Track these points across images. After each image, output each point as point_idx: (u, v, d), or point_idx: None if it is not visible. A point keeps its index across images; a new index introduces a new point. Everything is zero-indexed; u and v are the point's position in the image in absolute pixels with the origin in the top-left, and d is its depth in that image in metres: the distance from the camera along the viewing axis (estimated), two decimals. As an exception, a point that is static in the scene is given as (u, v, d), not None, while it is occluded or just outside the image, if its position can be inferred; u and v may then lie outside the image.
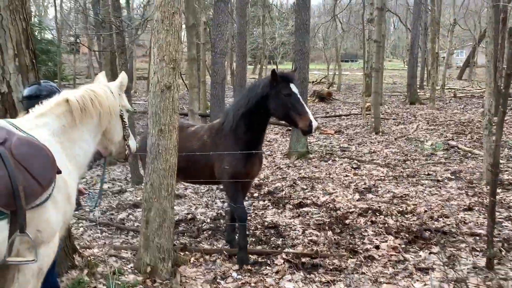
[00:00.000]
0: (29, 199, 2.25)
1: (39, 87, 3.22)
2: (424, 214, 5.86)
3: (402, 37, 52.22)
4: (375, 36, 13.95)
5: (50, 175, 2.35)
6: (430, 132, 12.47)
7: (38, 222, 2.35)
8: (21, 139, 2.35)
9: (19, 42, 3.51)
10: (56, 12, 15.81)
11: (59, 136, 2.63)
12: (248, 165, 4.71)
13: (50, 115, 2.64)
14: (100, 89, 2.91)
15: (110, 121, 2.96)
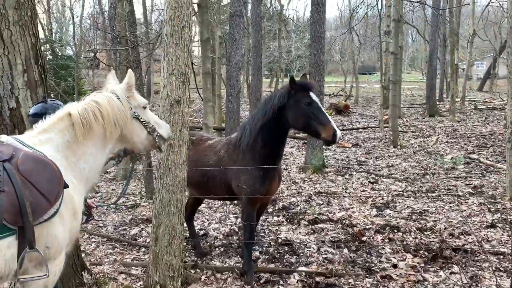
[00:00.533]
0: (36, 214, 2.25)
1: (45, 105, 3.22)
2: (444, 231, 5.64)
3: (421, 48, 51.72)
4: (392, 48, 13.78)
5: (57, 190, 2.34)
6: (450, 146, 12.17)
7: (47, 238, 2.35)
8: (28, 154, 2.36)
9: (28, 58, 3.50)
10: (74, 28, 16.09)
11: (64, 151, 2.60)
12: (266, 183, 4.51)
13: (53, 130, 2.61)
14: (104, 99, 2.76)
15: (122, 128, 2.84)
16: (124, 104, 2.83)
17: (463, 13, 29.81)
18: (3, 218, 2.16)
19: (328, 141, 4.20)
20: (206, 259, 5.29)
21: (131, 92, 2.91)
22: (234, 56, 11.35)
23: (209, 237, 6.20)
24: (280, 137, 4.49)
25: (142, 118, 2.94)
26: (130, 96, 2.90)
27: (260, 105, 4.72)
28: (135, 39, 8.44)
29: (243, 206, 4.67)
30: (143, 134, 2.97)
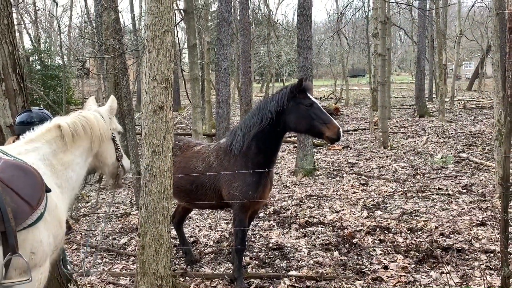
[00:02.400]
0: (18, 220, 2.29)
1: (30, 114, 3.30)
2: (434, 231, 5.62)
3: (409, 50, 52.10)
4: (379, 50, 13.85)
5: (38, 195, 2.39)
6: (440, 145, 12.22)
7: (32, 244, 2.38)
8: (8, 162, 2.42)
9: (6, 66, 3.44)
10: (60, 38, 16.00)
11: (50, 160, 2.70)
12: (259, 190, 4.45)
13: (40, 141, 2.72)
14: (91, 115, 2.99)
15: (101, 144, 3.04)
16: (106, 123, 3.07)
17: (450, 14, 30.09)
18: None
19: (333, 138, 4.22)
20: (196, 266, 5.23)
21: (112, 114, 3.17)
22: (223, 61, 11.33)
23: (200, 244, 6.13)
24: (275, 143, 4.47)
25: (117, 141, 3.19)
26: (111, 118, 3.16)
27: (254, 110, 4.62)
28: (120, 46, 8.38)
29: (235, 212, 4.58)
30: (113, 157, 3.18)
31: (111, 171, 3.24)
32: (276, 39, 30.11)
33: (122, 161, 3.25)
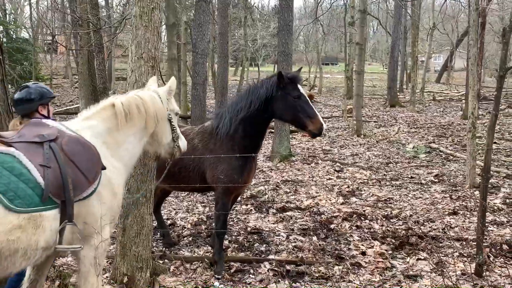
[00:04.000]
0: (76, 191, 2.50)
1: (29, 90, 3.15)
2: (409, 219, 5.77)
3: (382, 40, 52.81)
4: (357, 38, 13.95)
5: (95, 170, 2.59)
6: (412, 135, 12.52)
7: (85, 215, 2.58)
8: (71, 137, 2.64)
9: (-16, 37, 3.25)
10: (31, 10, 15.30)
11: (104, 137, 2.84)
12: (245, 174, 4.43)
13: (96, 118, 2.88)
14: (147, 95, 3.06)
15: (157, 125, 3.09)
16: (163, 104, 3.12)
17: (423, 6, 30.56)
18: (48, 191, 2.38)
19: (315, 133, 4.26)
20: (175, 249, 5.18)
21: (170, 96, 3.24)
22: (200, 42, 11.14)
23: (177, 227, 6.08)
24: (262, 128, 4.45)
25: (173, 122, 3.23)
26: (169, 99, 3.22)
27: (242, 94, 4.57)
28: (97, 22, 8.10)
29: (219, 196, 4.54)
30: (169, 138, 3.23)
31: (167, 151, 3.28)
32: (252, 23, 29.87)
33: (178, 142, 3.28)
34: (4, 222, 2.23)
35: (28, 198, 2.32)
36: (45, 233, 2.40)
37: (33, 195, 2.34)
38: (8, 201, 2.25)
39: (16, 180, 2.32)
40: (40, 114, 3.19)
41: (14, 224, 2.26)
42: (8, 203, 2.25)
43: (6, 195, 2.25)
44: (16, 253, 2.30)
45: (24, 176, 2.35)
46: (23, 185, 2.32)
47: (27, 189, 2.33)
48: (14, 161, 2.38)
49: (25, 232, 2.31)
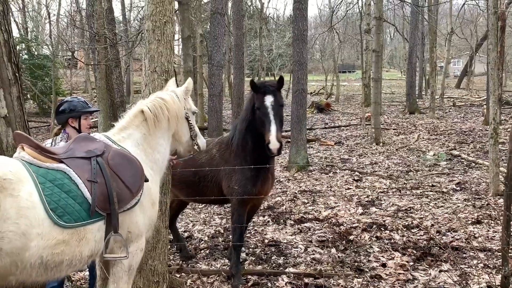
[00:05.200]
0: (121, 203, 2.60)
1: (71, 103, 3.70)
2: (431, 228, 5.62)
3: (399, 47, 52.33)
4: (373, 46, 13.83)
5: (139, 183, 2.69)
6: (432, 142, 12.28)
7: (128, 224, 2.69)
8: (116, 151, 2.74)
9: (1, 55, 3.31)
10: (51, 27, 15.67)
11: (142, 145, 2.95)
12: (258, 184, 4.36)
13: (131, 127, 2.97)
14: (168, 95, 3.13)
15: (177, 123, 3.17)
16: (181, 102, 3.19)
17: (440, 11, 30.23)
18: (95, 205, 2.48)
19: (270, 150, 3.96)
20: (192, 262, 5.15)
21: (187, 95, 3.30)
22: (216, 54, 11.22)
23: (194, 239, 6.05)
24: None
25: (191, 121, 3.27)
26: (186, 98, 3.27)
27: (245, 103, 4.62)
28: (114, 37, 8.21)
29: (234, 207, 4.51)
30: (188, 136, 3.28)
31: (186, 149, 3.35)
32: (268, 33, 29.98)
33: (197, 140, 3.32)
34: (48, 237, 2.30)
35: (75, 213, 2.42)
36: (89, 244, 2.50)
37: (80, 210, 2.44)
38: (58, 217, 2.34)
39: (66, 197, 2.41)
40: (70, 125, 3.67)
41: (59, 239, 2.34)
42: (57, 220, 2.33)
43: (56, 212, 2.34)
44: (62, 263, 2.40)
45: (72, 192, 2.45)
46: (72, 201, 2.42)
47: (75, 204, 2.43)
48: (64, 178, 2.49)
49: (69, 245, 2.39)
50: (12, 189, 2.20)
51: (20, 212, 2.20)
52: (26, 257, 2.24)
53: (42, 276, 2.38)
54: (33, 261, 2.27)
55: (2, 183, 2.16)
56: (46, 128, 18.59)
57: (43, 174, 2.43)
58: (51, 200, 2.34)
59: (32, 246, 2.24)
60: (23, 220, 2.20)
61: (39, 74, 20.46)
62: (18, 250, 2.20)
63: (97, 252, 2.58)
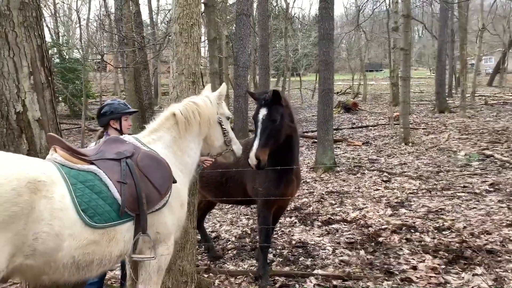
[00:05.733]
0: (150, 204, 2.64)
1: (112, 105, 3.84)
2: (463, 231, 5.46)
3: (428, 44, 51.23)
4: (402, 44, 13.58)
5: (167, 184, 2.72)
6: (463, 142, 11.95)
7: (157, 225, 2.72)
8: (145, 153, 2.79)
9: (34, 60, 3.39)
10: (81, 31, 16.06)
11: (172, 147, 2.99)
12: (282, 186, 4.35)
13: (162, 129, 3.02)
14: (201, 100, 3.18)
15: (209, 128, 3.21)
16: (214, 107, 3.23)
17: (471, 7, 29.44)
18: (125, 206, 2.52)
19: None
20: (219, 262, 5.17)
21: (221, 100, 3.35)
22: (241, 55, 11.24)
23: (221, 240, 6.08)
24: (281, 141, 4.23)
25: (224, 126, 3.31)
26: (219, 103, 3.32)
27: None
28: (142, 40, 8.35)
29: (259, 209, 4.53)
30: (221, 140, 3.32)
31: (219, 153, 3.39)
32: (293, 33, 29.87)
33: (232, 146, 3.37)
34: (80, 238, 2.35)
35: (106, 214, 2.46)
36: (119, 244, 2.54)
37: (110, 211, 2.49)
38: (89, 218, 2.38)
39: (96, 198, 2.46)
40: (112, 127, 3.80)
41: (90, 239, 2.39)
42: (88, 220, 2.38)
43: (87, 213, 2.39)
44: (92, 263, 2.45)
45: (103, 193, 2.50)
46: (102, 202, 2.47)
47: (105, 205, 2.48)
48: (95, 179, 2.54)
49: (100, 245, 2.44)
50: (46, 191, 2.24)
51: (54, 213, 2.24)
52: (59, 257, 2.28)
53: (74, 275, 2.42)
54: (65, 261, 2.32)
55: (37, 185, 2.20)
56: (77, 130, 19.07)
57: (75, 175, 2.48)
58: (82, 201, 2.39)
59: (64, 247, 2.28)
60: (56, 222, 2.25)
61: (70, 77, 21.01)
62: (51, 250, 2.24)
63: (126, 252, 2.62)
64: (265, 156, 3.94)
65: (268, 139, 4.01)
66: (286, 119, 4.15)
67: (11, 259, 2.12)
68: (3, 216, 2.04)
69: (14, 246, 2.11)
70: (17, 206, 2.09)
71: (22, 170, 2.19)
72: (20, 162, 2.26)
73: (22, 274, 2.33)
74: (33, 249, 2.19)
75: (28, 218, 2.14)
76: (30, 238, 2.17)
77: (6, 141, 3.41)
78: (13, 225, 2.09)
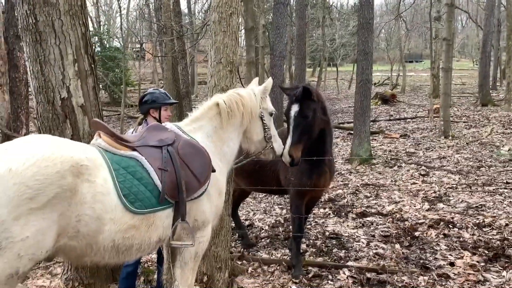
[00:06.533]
0: (189, 192, 2.67)
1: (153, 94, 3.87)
2: (505, 228, 5.27)
3: (472, 35, 49.25)
4: (445, 34, 13.10)
5: (206, 173, 2.75)
6: (507, 136, 11.48)
7: (195, 213, 2.76)
8: (186, 141, 2.83)
9: (78, 47, 3.51)
10: (121, 20, 16.41)
11: (212, 137, 3.01)
12: (314, 176, 4.34)
13: (204, 119, 3.05)
14: (245, 92, 3.20)
15: (250, 120, 3.19)
16: (257, 101, 3.22)
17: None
18: (165, 193, 2.56)
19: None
20: (253, 250, 5.22)
21: (265, 95, 3.32)
22: (278, 45, 11.18)
23: (255, 228, 6.13)
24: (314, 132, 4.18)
25: (265, 120, 3.26)
26: (263, 98, 3.30)
27: None
28: (180, 29, 8.44)
29: (291, 198, 4.57)
30: (261, 136, 3.28)
31: (258, 149, 3.36)
32: (331, 22, 29.41)
33: (272, 143, 3.32)
34: (120, 222, 2.41)
35: (146, 200, 2.51)
36: (158, 230, 2.58)
37: (150, 197, 2.53)
38: (130, 203, 2.44)
39: (138, 184, 2.51)
40: (151, 116, 3.83)
41: (129, 224, 2.44)
42: (129, 206, 2.43)
43: (128, 198, 2.44)
44: (132, 247, 2.50)
45: (144, 179, 2.55)
46: (143, 188, 2.51)
47: (146, 191, 2.52)
48: (136, 165, 2.58)
49: (139, 230, 2.49)
50: (88, 175, 2.31)
51: (96, 197, 2.31)
52: (100, 240, 2.36)
53: (114, 258, 2.50)
54: (106, 244, 2.39)
55: (80, 169, 2.28)
56: (117, 117, 19.59)
57: (118, 161, 2.54)
58: (124, 187, 2.44)
59: (105, 230, 2.36)
60: (98, 205, 2.32)
61: (110, 65, 21.53)
62: (93, 233, 2.32)
63: (165, 238, 2.67)
64: (298, 153, 3.91)
65: (301, 135, 3.99)
66: (318, 113, 4.11)
67: (57, 238, 2.22)
68: (49, 197, 2.13)
69: (59, 226, 2.20)
70: (61, 188, 2.17)
71: (66, 153, 2.26)
72: (65, 146, 2.34)
73: (66, 254, 2.43)
74: (77, 230, 2.28)
75: (72, 200, 2.23)
76: (73, 219, 2.25)
77: (52, 125, 3.56)
78: (59, 205, 2.17)
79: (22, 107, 7.96)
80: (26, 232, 2.07)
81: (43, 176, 2.12)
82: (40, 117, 3.58)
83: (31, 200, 2.08)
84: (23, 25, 3.40)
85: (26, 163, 2.10)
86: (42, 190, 2.11)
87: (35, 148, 2.20)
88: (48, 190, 2.12)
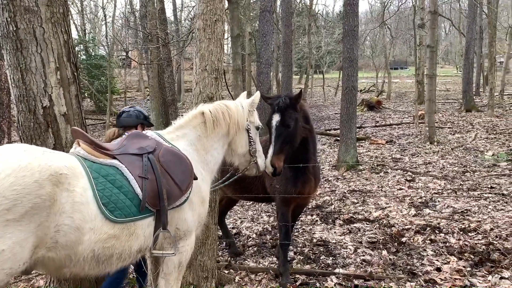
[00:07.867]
0: (170, 200, 2.64)
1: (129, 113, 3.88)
2: (490, 233, 5.32)
3: (455, 42, 50.07)
4: (428, 41, 13.29)
5: (188, 181, 2.72)
6: (490, 142, 11.64)
7: (177, 221, 2.73)
8: (167, 149, 2.80)
9: (61, 55, 3.45)
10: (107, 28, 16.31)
11: (195, 145, 3.00)
12: (299, 184, 4.34)
13: (188, 127, 3.04)
14: (233, 104, 3.20)
15: (236, 132, 3.18)
16: (244, 113, 3.22)
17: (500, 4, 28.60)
18: (145, 201, 2.53)
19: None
20: (240, 259, 5.18)
21: (253, 108, 3.33)
22: (264, 52, 11.22)
23: (242, 236, 6.09)
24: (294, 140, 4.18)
25: (251, 134, 3.26)
26: (251, 111, 3.31)
27: None
28: (166, 37, 8.41)
29: (277, 206, 4.55)
30: (245, 149, 3.27)
31: (242, 164, 3.34)
32: (317, 30, 29.64)
33: (256, 158, 3.30)
34: (100, 232, 2.36)
35: (126, 209, 2.46)
36: (139, 239, 2.54)
37: (131, 206, 2.49)
38: (109, 212, 2.39)
39: (117, 192, 2.46)
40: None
41: (109, 233, 2.39)
42: (109, 215, 2.38)
43: (108, 207, 2.39)
44: (112, 257, 2.45)
45: (124, 188, 2.50)
46: (123, 197, 2.47)
47: (126, 200, 2.48)
48: (116, 173, 2.54)
49: (119, 239, 2.44)
50: (68, 184, 2.26)
51: (75, 207, 2.26)
52: (79, 251, 2.30)
53: (94, 269, 2.44)
54: (85, 255, 2.33)
55: (59, 178, 2.22)
56: (102, 126, 19.40)
57: (97, 169, 2.49)
58: (103, 195, 2.40)
59: (85, 240, 2.30)
60: (77, 215, 2.26)
61: (96, 73, 21.38)
62: (72, 243, 2.27)
63: (146, 247, 2.62)
64: (280, 163, 3.91)
65: (283, 145, 3.98)
66: (300, 122, 4.10)
67: (34, 250, 2.16)
68: (26, 207, 2.07)
69: (37, 238, 2.14)
70: (40, 198, 2.12)
71: (44, 162, 2.21)
72: (42, 155, 2.28)
73: (44, 266, 2.36)
74: (55, 241, 2.22)
75: (50, 210, 2.17)
76: (52, 230, 2.20)
77: (34, 135, 3.48)
78: (36, 216, 2.11)
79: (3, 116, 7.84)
80: (1, 245, 2.00)
81: (20, 186, 2.06)
82: (22, 126, 3.50)
83: (7, 211, 2.02)
84: (3, 33, 3.33)
85: (2, 174, 2.04)
86: (20, 201, 2.05)
87: (12, 157, 2.14)
88: (26, 200, 2.07)
